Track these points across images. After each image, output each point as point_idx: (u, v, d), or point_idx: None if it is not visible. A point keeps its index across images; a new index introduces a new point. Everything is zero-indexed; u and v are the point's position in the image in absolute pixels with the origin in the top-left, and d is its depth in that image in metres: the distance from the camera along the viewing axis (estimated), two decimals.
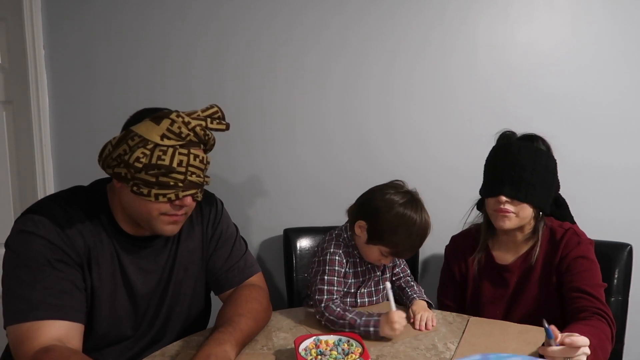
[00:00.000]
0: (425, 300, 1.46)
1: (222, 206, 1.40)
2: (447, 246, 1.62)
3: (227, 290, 1.35)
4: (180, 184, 1.11)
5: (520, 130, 1.45)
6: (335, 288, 1.41)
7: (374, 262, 1.47)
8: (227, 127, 1.15)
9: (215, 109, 1.14)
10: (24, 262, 1.09)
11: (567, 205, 1.51)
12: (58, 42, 2.01)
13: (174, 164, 1.08)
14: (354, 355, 1.11)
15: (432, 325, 1.35)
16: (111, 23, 2.00)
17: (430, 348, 1.24)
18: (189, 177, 1.11)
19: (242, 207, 2.07)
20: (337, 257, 1.44)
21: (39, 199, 2.01)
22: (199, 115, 1.12)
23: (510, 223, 1.37)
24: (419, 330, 1.33)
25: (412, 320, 1.37)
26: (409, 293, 1.50)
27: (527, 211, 1.36)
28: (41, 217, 1.11)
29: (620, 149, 1.96)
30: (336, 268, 1.43)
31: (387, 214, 1.37)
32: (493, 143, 1.48)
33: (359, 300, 1.50)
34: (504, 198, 1.35)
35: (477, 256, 1.49)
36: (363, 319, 1.30)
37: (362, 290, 1.50)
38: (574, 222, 1.50)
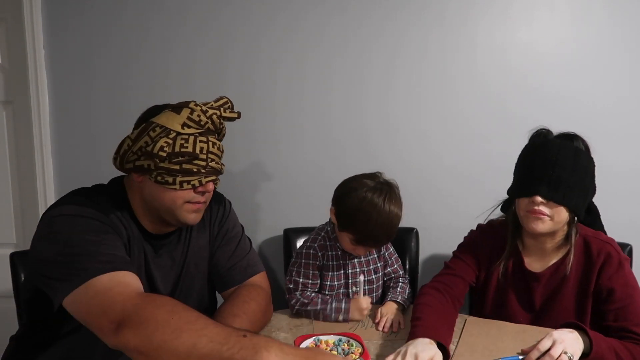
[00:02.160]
0: (397, 302, 1.45)
1: (230, 206, 1.43)
2: (473, 231, 1.51)
3: (230, 289, 1.35)
4: (203, 170, 1.14)
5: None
6: (310, 281, 1.47)
7: (350, 252, 1.49)
8: (239, 115, 1.22)
9: (225, 99, 1.21)
10: (79, 234, 1.04)
11: (599, 213, 1.40)
12: (58, 42, 2.01)
13: (197, 150, 1.13)
14: (354, 355, 1.11)
15: (400, 328, 1.36)
16: (111, 23, 2.00)
17: None
18: (210, 164, 1.16)
19: (242, 207, 2.06)
20: (311, 251, 1.49)
21: (39, 198, 2.05)
22: (212, 106, 1.17)
23: (543, 226, 1.26)
24: (383, 331, 1.34)
25: (377, 320, 1.38)
26: (388, 294, 1.50)
27: (562, 215, 1.25)
28: (79, 206, 1.09)
29: (621, 149, 1.96)
30: (310, 261, 1.48)
31: (350, 198, 1.39)
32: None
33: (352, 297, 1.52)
34: (539, 199, 1.23)
35: (503, 261, 1.38)
36: (336, 300, 1.40)
37: (355, 289, 1.51)
38: (603, 231, 1.40)
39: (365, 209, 1.36)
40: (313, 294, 1.44)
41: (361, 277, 1.40)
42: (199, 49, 2.00)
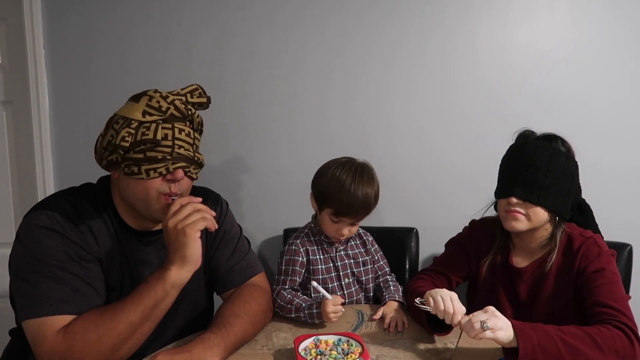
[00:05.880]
0: (397, 301, 1.45)
1: (227, 206, 1.41)
2: (465, 227, 1.55)
3: (229, 290, 1.35)
4: (169, 157, 1.12)
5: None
6: (290, 277, 1.48)
7: (334, 236, 1.49)
8: (208, 100, 1.20)
9: (195, 86, 1.19)
10: (41, 257, 1.08)
11: (592, 212, 1.43)
12: (58, 42, 2.01)
13: (159, 137, 1.11)
14: (353, 355, 1.11)
15: (405, 327, 1.35)
16: (111, 23, 2.00)
17: (430, 348, 1.24)
18: (176, 150, 1.13)
19: (242, 207, 2.07)
20: (293, 247, 1.51)
21: (39, 198, 2.05)
22: (178, 93, 1.16)
23: (520, 225, 1.30)
24: (389, 330, 1.34)
25: (376, 317, 1.39)
26: (384, 294, 1.50)
27: (539, 215, 1.29)
28: (54, 213, 1.12)
29: (620, 149, 1.96)
30: (292, 257, 1.50)
31: (323, 173, 1.48)
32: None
33: (345, 292, 1.52)
34: (514, 200, 1.28)
35: (489, 259, 1.42)
36: (309, 302, 1.38)
37: (347, 280, 1.52)
38: (598, 231, 1.41)
39: (339, 177, 1.43)
40: (289, 296, 1.42)
41: (313, 283, 1.39)
42: (198, 48, 2.00)
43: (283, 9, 1.97)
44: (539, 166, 1.26)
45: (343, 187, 1.41)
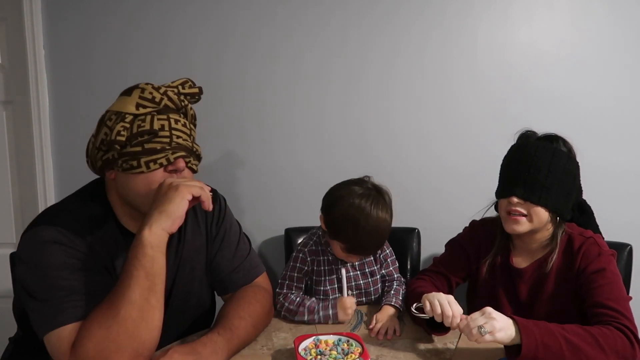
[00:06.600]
0: (394, 307, 1.40)
1: (225, 204, 1.38)
2: (465, 227, 1.54)
3: (232, 292, 1.33)
4: (168, 147, 1.09)
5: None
6: (295, 284, 1.46)
7: (343, 259, 1.46)
8: (200, 90, 1.19)
9: (186, 79, 1.18)
10: (53, 273, 1.05)
11: (592, 212, 1.44)
12: (58, 42, 2.01)
13: (156, 127, 1.09)
14: (353, 355, 1.11)
15: (395, 335, 1.30)
16: (111, 23, 2.00)
17: (430, 348, 1.24)
18: (175, 140, 1.10)
19: (243, 207, 2.07)
20: (301, 255, 1.48)
21: (39, 198, 2.05)
22: (170, 85, 1.15)
23: (521, 228, 1.30)
24: (377, 338, 1.29)
25: (370, 327, 1.33)
26: (383, 299, 1.46)
27: (541, 215, 1.29)
28: (57, 227, 1.08)
29: (620, 149, 1.96)
30: (298, 265, 1.48)
31: (337, 207, 1.38)
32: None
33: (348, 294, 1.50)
34: (515, 199, 1.28)
35: (489, 259, 1.41)
36: (321, 304, 1.36)
37: (350, 293, 1.48)
38: (598, 231, 1.41)
39: (353, 218, 1.34)
40: (298, 299, 1.40)
41: (343, 271, 1.36)
42: (197, 48, 2.00)
43: (282, 8, 1.97)
44: (540, 166, 1.27)
45: (358, 229, 1.34)
